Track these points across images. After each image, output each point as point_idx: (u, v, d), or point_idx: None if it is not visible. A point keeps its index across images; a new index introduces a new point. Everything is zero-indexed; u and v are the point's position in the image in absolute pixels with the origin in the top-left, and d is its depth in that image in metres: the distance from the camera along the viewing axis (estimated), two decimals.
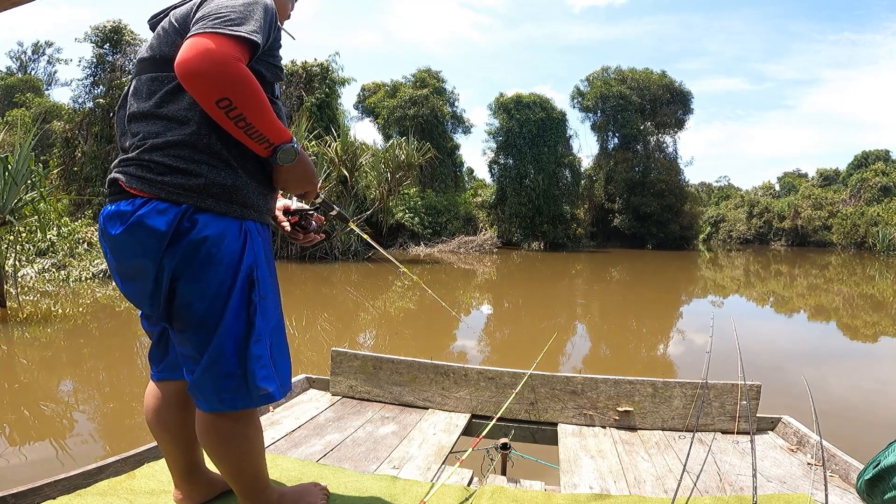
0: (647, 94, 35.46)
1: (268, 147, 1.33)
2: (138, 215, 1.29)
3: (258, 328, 1.35)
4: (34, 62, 41.28)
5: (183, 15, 1.35)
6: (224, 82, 1.20)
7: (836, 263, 26.69)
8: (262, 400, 1.36)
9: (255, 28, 1.27)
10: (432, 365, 2.66)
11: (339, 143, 18.41)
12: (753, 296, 14.60)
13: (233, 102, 1.22)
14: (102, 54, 22.55)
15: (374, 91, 35.98)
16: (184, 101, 1.32)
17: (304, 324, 8.23)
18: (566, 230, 31.48)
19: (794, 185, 52.42)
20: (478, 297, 12.50)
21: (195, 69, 1.18)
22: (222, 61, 1.19)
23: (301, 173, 1.47)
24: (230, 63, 1.20)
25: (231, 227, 1.33)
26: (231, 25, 1.24)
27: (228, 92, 1.21)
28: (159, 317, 1.38)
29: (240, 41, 1.24)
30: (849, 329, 9.59)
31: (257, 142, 1.31)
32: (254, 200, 1.39)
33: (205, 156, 1.31)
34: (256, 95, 1.25)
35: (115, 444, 3.61)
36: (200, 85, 1.20)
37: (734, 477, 1.97)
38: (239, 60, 1.22)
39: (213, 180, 1.31)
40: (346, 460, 2.04)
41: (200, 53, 1.18)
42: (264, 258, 1.41)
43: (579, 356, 6.93)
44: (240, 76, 1.21)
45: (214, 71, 1.19)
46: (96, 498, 1.60)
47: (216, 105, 1.21)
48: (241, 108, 1.23)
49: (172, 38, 1.34)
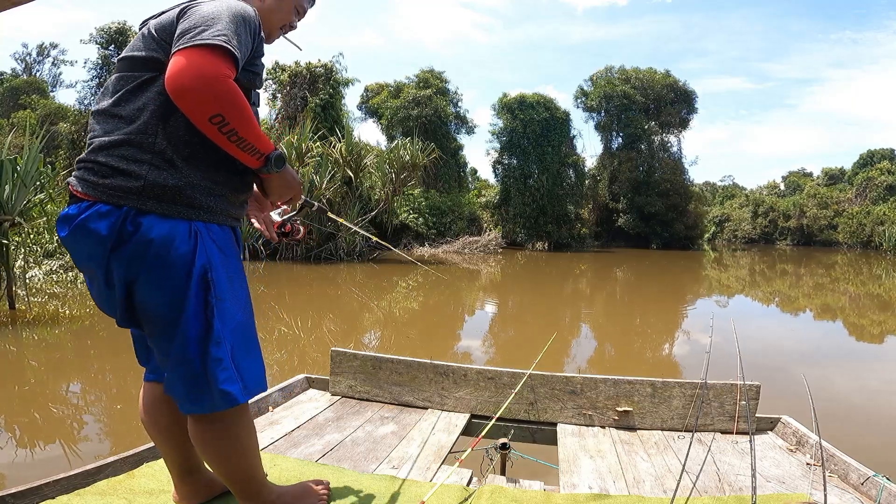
0: (650, 94, 35.35)
1: (259, 157, 1.35)
2: (81, 219, 1.30)
3: (216, 330, 1.33)
4: (39, 64, 41.47)
5: (162, 25, 1.35)
6: (216, 99, 1.22)
7: (842, 263, 26.56)
8: (225, 402, 1.34)
9: (237, 42, 1.28)
10: (432, 365, 2.67)
11: (343, 144, 18.43)
12: (758, 295, 14.55)
13: (225, 118, 1.24)
14: (107, 55, 22.66)
15: (377, 92, 36.01)
16: (138, 101, 1.33)
17: (309, 324, 8.25)
18: (570, 230, 31.43)
19: (800, 184, 52.29)
20: (482, 297, 12.50)
21: (187, 86, 1.19)
22: (213, 78, 1.21)
23: (289, 178, 1.53)
24: (221, 80, 1.22)
25: (179, 229, 1.31)
26: (218, 37, 1.24)
27: (220, 108, 1.22)
28: (120, 320, 1.40)
29: (227, 55, 1.25)
30: (854, 329, 9.55)
31: (249, 154, 1.33)
32: (203, 201, 1.36)
33: (148, 156, 1.30)
34: (245, 110, 1.27)
35: (122, 445, 3.63)
36: (192, 102, 1.21)
37: (733, 477, 1.97)
38: (228, 77, 1.24)
39: (153, 181, 1.29)
40: (346, 460, 2.05)
41: (191, 70, 1.20)
42: (220, 260, 1.38)
43: (583, 356, 6.93)
44: (231, 92, 1.23)
45: (206, 88, 1.20)
46: (95, 498, 1.61)
47: (209, 121, 1.23)
48: (233, 123, 1.25)
49: (147, 42, 1.36)
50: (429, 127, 30.62)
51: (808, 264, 25.41)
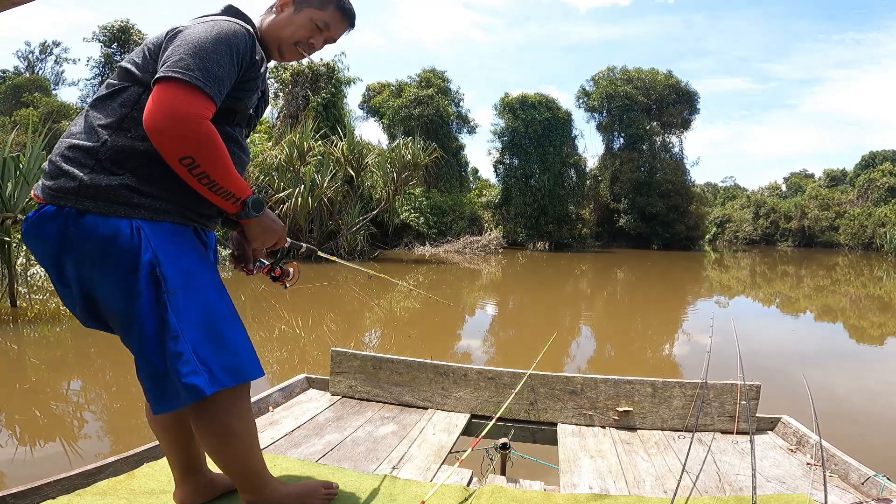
0: (652, 94, 35.32)
1: (235, 202, 1.37)
2: (32, 222, 1.33)
3: (172, 325, 1.30)
4: (41, 62, 41.43)
5: (155, 44, 1.37)
6: (185, 140, 1.23)
7: (844, 264, 26.53)
8: (190, 396, 1.30)
9: (216, 74, 1.29)
10: (432, 365, 2.67)
11: (344, 143, 18.44)
12: (759, 296, 14.54)
13: (195, 160, 1.25)
14: (110, 54, 22.71)
15: (378, 91, 36.00)
16: (107, 108, 1.35)
17: (310, 323, 8.26)
18: (571, 230, 31.42)
19: (801, 185, 52.26)
20: (483, 297, 12.50)
21: (158, 126, 1.21)
22: (185, 118, 1.22)
23: (269, 223, 1.54)
24: (192, 121, 1.23)
25: (120, 227, 1.29)
26: (195, 73, 1.25)
27: (189, 150, 1.24)
28: (82, 319, 1.41)
29: (202, 92, 1.26)
30: (855, 330, 9.54)
31: (223, 198, 1.34)
32: (143, 201, 1.32)
33: (91, 160, 1.30)
34: (218, 152, 1.28)
35: (123, 443, 3.64)
36: (163, 142, 1.23)
37: (733, 477, 1.97)
38: (203, 117, 1.25)
39: (89, 182, 1.29)
40: (346, 460, 2.05)
41: (165, 110, 1.21)
42: (171, 254, 1.33)
43: (583, 356, 6.93)
44: (202, 135, 1.24)
45: (178, 129, 1.22)
46: (96, 498, 1.61)
47: (179, 162, 1.24)
48: (204, 166, 1.26)
49: (137, 55, 1.39)
50: (430, 126, 30.61)
51: (809, 266, 25.39)
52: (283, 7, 1.59)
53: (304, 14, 1.58)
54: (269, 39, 1.59)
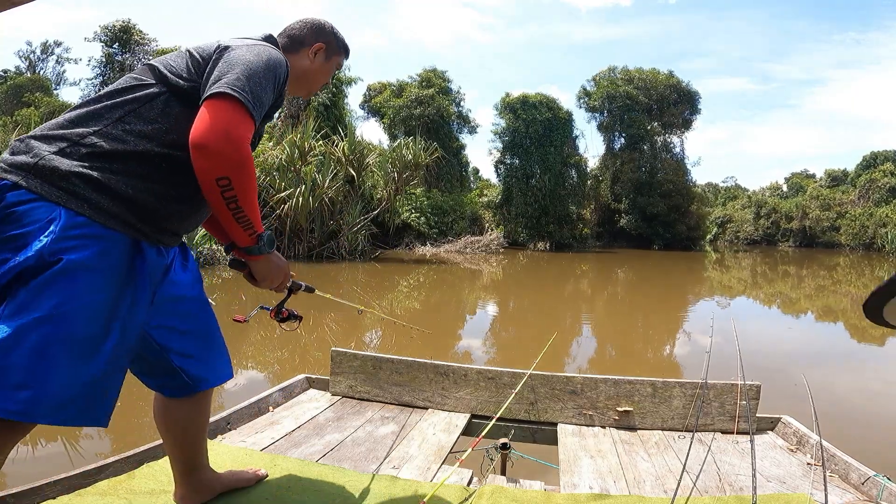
0: (653, 94, 35.29)
1: (252, 234, 1.36)
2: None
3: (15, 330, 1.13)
4: (43, 62, 41.39)
5: (202, 55, 1.38)
6: (230, 162, 1.23)
7: (845, 265, 26.51)
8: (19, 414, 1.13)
9: (262, 99, 1.32)
10: (432, 365, 2.67)
11: (345, 143, 18.46)
12: (760, 297, 14.53)
13: (231, 183, 1.24)
14: (111, 53, 22.71)
15: (379, 91, 35.99)
16: (117, 99, 1.32)
17: (310, 323, 8.25)
18: (572, 230, 31.41)
19: (802, 185, 52.22)
20: (483, 297, 12.50)
21: (208, 142, 1.21)
22: (236, 139, 1.23)
23: (277, 262, 1.54)
24: (241, 143, 1.24)
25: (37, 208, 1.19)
26: (249, 94, 1.27)
27: (231, 172, 1.23)
28: None
29: (252, 115, 1.28)
30: (856, 330, 9.53)
31: (243, 227, 1.33)
32: (90, 195, 1.22)
33: (66, 142, 1.26)
34: (252, 180, 1.29)
35: (123, 443, 3.64)
36: (208, 159, 1.22)
37: (734, 477, 1.97)
38: (248, 140, 1.26)
39: (46, 162, 1.22)
40: (346, 460, 2.05)
41: (219, 127, 1.21)
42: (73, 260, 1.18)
43: (584, 356, 6.93)
44: (245, 158, 1.25)
45: (226, 149, 1.22)
46: (96, 498, 1.61)
47: (215, 182, 1.23)
48: (237, 190, 1.25)
49: (179, 59, 1.39)
50: (431, 126, 30.62)
51: (811, 266, 25.37)
52: (315, 53, 1.64)
53: (333, 61, 1.70)
54: (299, 82, 1.64)
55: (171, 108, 1.33)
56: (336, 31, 1.70)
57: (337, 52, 1.70)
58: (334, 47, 1.70)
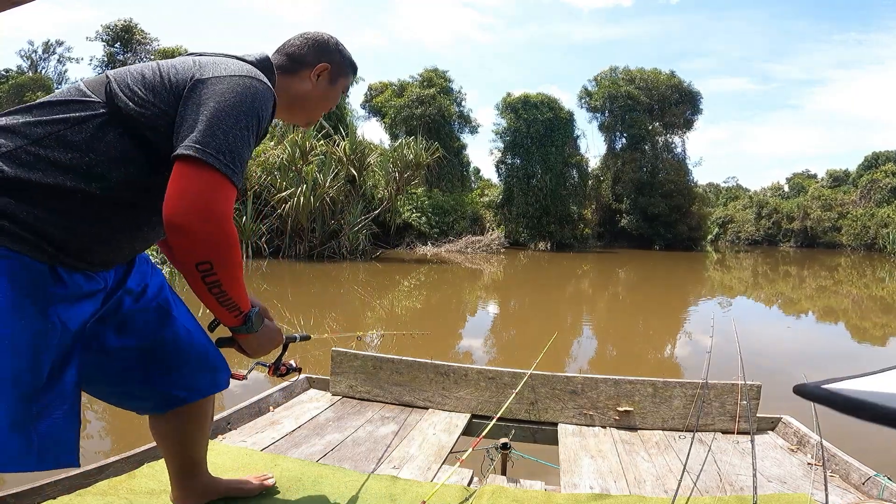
0: (655, 95, 35.29)
1: (238, 315, 1.22)
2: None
3: None
4: (45, 61, 41.46)
5: (170, 80, 1.16)
6: (213, 245, 1.09)
7: (846, 265, 26.49)
8: None
9: (245, 156, 1.15)
10: (432, 365, 2.67)
11: (346, 143, 18.47)
12: (761, 297, 14.52)
13: (213, 267, 1.10)
14: (113, 53, 22.72)
15: (380, 91, 36.02)
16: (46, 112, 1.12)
17: (311, 323, 8.26)
18: (573, 230, 31.41)
19: (804, 185, 52.22)
20: (484, 297, 12.50)
21: (190, 225, 1.06)
22: (220, 219, 1.09)
23: (269, 334, 1.38)
24: (224, 222, 1.09)
25: None
26: (227, 156, 1.09)
27: (213, 256, 1.09)
28: None
29: (235, 183, 1.11)
30: (857, 330, 9.53)
31: (228, 309, 1.19)
32: None
33: None
34: (237, 260, 1.15)
35: (124, 443, 3.64)
36: (187, 242, 1.07)
37: (734, 477, 1.97)
38: (231, 215, 1.12)
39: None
40: (347, 460, 2.06)
41: (201, 206, 1.06)
42: None
43: (585, 356, 6.92)
44: (230, 238, 1.11)
45: (209, 231, 1.07)
46: (96, 498, 1.61)
47: (195, 267, 1.09)
48: (220, 274, 1.11)
49: (138, 80, 1.17)
50: (432, 126, 30.65)
51: (812, 266, 25.36)
52: (318, 76, 1.43)
53: (339, 84, 1.49)
54: (296, 108, 1.45)
55: (104, 134, 1.11)
56: (342, 48, 1.49)
57: (343, 73, 1.49)
58: (340, 68, 1.48)
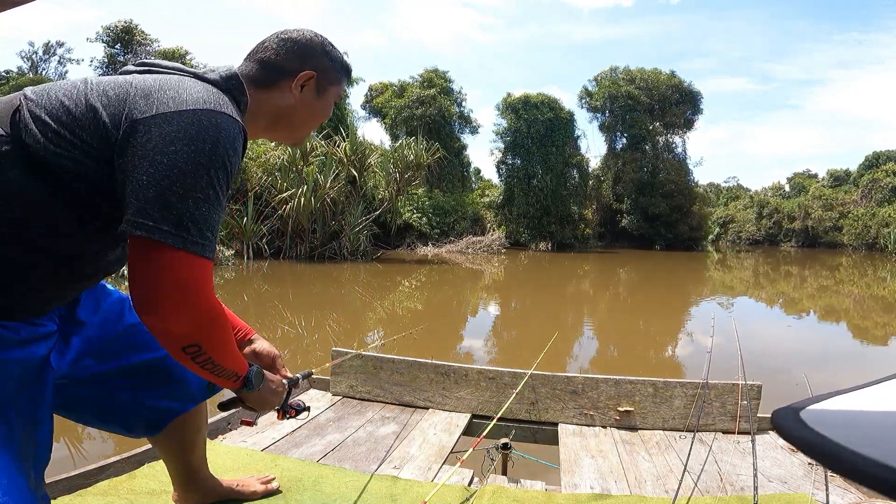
0: (655, 94, 35.28)
1: (236, 381, 1.14)
2: None
3: None
4: (45, 62, 41.47)
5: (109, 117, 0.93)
6: (196, 329, 0.97)
7: (847, 264, 26.47)
8: None
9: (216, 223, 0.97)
10: (432, 365, 2.67)
11: (347, 143, 18.47)
12: (762, 297, 14.51)
13: (202, 348, 1.00)
14: (114, 54, 22.71)
15: (381, 91, 36.01)
16: None
17: (312, 324, 8.26)
18: (574, 231, 31.40)
19: (804, 185, 52.18)
20: (485, 297, 12.50)
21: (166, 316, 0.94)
22: (201, 303, 0.96)
23: (270, 390, 1.29)
24: (205, 303, 0.97)
25: None
26: (198, 233, 0.93)
27: (200, 338, 0.99)
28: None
29: (210, 258, 0.97)
30: (859, 330, 9.52)
31: (225, 378, 1.11)
32: None
33: None
34: (227, 335, 1.06)
35: (125, 445, 3.64)
36: (167, 334, 0.96)
37: (735, 477, 1.97)
38: (212, 291, 0.99)
39: None
40: (347, 460, 2.06)
41: (174, 300, 0.93)
42: None
43: (585, 356, 6.92)
44: (215, 316, 1.00)
45: (190, 317, 0.95)
46: (97, 498, 1.61)
47: (182, 351, 0.99)
48: (210, 352, 1.02)
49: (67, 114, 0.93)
50: (433, 127, 30.63)
51: (813, 266, 25.34)
52: (301, 86, 1.17)
53: (330, 93, 1.23)
54: (278, 127, 1.21)
55: (6, 174, 0.91)
56: (330, 50, 1.22)
57: (334, 80, 1.23)
58: (329, 74, 1.21)
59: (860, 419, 0.33)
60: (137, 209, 0.90)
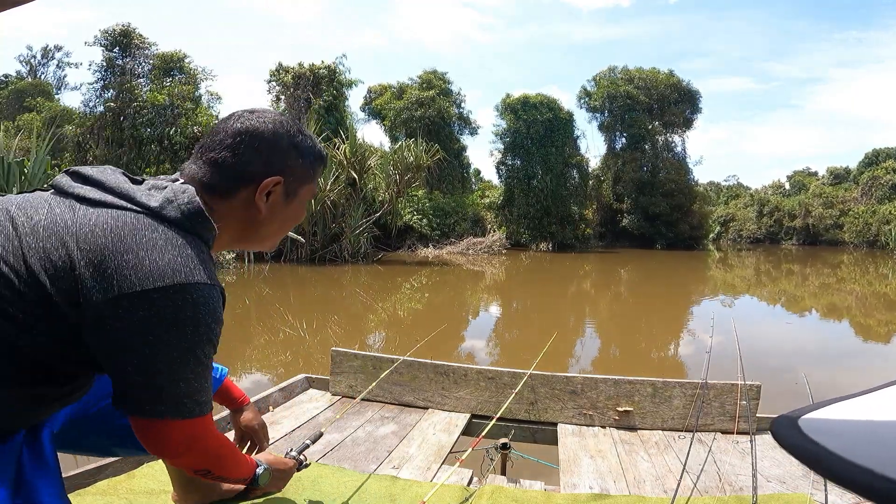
0: (654, 94, 35.25)
1: (245, 481, 1.31)
2: None
3: None
4: (44, 66, 41.59)
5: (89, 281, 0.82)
6: (204, 461, 1.07)
7: (849, 262, 26.46)
8: None
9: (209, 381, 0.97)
10: (432, 365, 2.67)
11: (347, 146, 18.48)
12: (764, 295, 14.51)
13: (212, 472, 1.11)
14: (112, 58, 22.68)
15: (380, 93, 36.02)
16: None
17: (314, 326, 8.27)
18: (574, 231, 31.35)
19: (805, 183, 52.10)
20: (486, 298, 12.50)
21: (177, 459, 1.05)
22: (207, 448, 1.05)
23: (278, 475, 1.46)
24: (210, 447, 1.05)
25: None
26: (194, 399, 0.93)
27: (209, 466, 1.09)
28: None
29: (205, 412, 0.98)
30: (861, 328, 9.51)
31: (235, 482, 1.32)
32: None
33: None
34: (233, 457, 1.18)
35: None
36: (182, 467, 1.15)
37: (734, 477, 1.97)
38: (214, 431, 1.07)
39: None
40: (346, 460, 2.06)
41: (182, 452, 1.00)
42: None
43: (586, 356, 6.92)
44: (219, 451, 1.11)
45: (197, 458, 1.05)
46: (96, 497, 1.62)
47: (194, 473, 1.11)
48: (218, 472, 1.14)
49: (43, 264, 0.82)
50: (432, 128, 30.63)
51: (814, 264, 25.32)
52: (267, 195, 1.01)
53: (301, 195, 1.09)
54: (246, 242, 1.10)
55: None
56: (299, 141, 1.04)
57: (306, 178, 1.07)
58: (299, 174, 1.05)
59: (857, 428, 0.33)
60: (132, 399, 0.89)
